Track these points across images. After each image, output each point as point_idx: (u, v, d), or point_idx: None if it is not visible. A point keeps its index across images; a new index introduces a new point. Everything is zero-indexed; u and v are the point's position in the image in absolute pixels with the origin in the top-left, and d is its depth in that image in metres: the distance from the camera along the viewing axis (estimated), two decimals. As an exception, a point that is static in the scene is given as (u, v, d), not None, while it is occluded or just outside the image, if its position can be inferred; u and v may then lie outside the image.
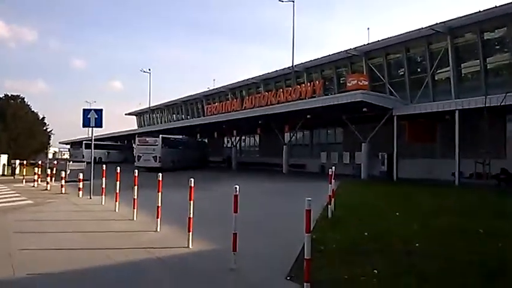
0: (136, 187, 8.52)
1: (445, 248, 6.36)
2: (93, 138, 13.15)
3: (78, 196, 12.79)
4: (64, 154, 78.98)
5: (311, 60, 32.89)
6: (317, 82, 30.64)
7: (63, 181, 14.39)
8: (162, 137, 33.61)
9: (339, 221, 8.34)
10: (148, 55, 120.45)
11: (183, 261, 5.78)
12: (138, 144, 33.84)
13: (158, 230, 7.44)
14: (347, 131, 29.87)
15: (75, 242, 6.70)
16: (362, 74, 27.75)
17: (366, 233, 7.13)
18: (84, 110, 12.78)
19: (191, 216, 6.26)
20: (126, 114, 73.98)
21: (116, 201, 9.68)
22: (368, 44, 28.59)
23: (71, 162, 21.49)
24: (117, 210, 9.58)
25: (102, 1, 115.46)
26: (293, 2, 33.07)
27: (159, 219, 7.47)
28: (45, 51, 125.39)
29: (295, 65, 33.83)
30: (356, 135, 25.52)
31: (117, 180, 9.80)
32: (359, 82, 25.09)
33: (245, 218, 8.93)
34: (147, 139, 33.82)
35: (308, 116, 26.84)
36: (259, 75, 39.18)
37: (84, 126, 12.86)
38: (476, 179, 20.90)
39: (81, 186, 12.80)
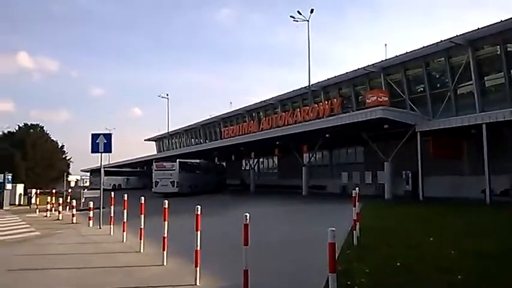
0: (143, 216, 7.87)
1: (493, 279, 5.47)
2: (102, 163, 12.69)
3: (88, 226, 12.23)
4: (86, 182, 79.74)
5: (328, 79, 32.42)
6: (335, 100, 29.96)
7: (74, 210, 13.90)
8: (179, 161, 33.24)
9: (366, 249, 7.49)
10: (166, 81, 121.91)
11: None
12: (155, 170, 33.49)
13: (164, 263, 6.74)
14: (368, 150, 28.95)
15: (73, 280, 6.07)
16: (381, 89, 26.97)
17: (398, 263, 6.26)
18: (92, 134, 12.30)
19: (198, 248, 5.55)
20: (145, 140, 74.59)
21: (124, 231, 9.06)
22: (386, 60, 28.04)
23: (85, 190, 21.12)
24: (124, 241, 8.95)
25: (119, 30, 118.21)
26: (308, 21, 32.72)
27: (165, 252, 6.77)
28: (66, 81, 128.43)
29: (312, 84, 33.26)
30: (378, 154, 24.59)
31: (124, 209, 9.20)
32: (378, 98, 24.32)
33: (261, 246, 8.41)
34: (165, 164, 33.50)
35: (327, 136, 26.06)
36: (276, 96, 38.89)
37: (93, 151, 12.38)
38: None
39: (91, 215, 12.25)
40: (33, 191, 21.15)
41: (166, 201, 6.85)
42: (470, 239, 8.35)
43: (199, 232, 5.59)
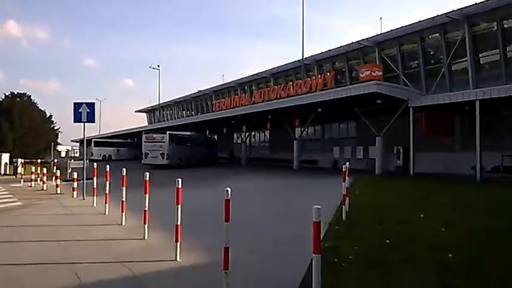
0: (124, 188, 7.55)
1: (485, 257, 5.28)
2: (84, 133, 12.17)
3: (72, 197, 11.92)
4: (76, 152, 78.88)
5: (322, 53, 31.88)
6: (328, 74, 29.45)
7: (58, 180, 13.54)
8: (169, 133, 32.83)
9: (355, 225, 7.26)
10: (158, 53, 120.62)
11: (163, 280, 4.83)
12: (145, 141, 33.09)
13: (145, 237, 6.47)
14: (360, 125, 28.71)
15: (44, 254, 5.75)
16: (375, 64, 26.52)
17: (387, 240, 6.05)
18: (74, 104, 11.71)
19: (179, 223, 5.27)
20: (136, 112, 73.79)
21: (106, 203, 8.75)
22: (381, 34, 27.53)
23: (72, 160, 20.70)
24: (107, 213, 8.65)
25: (112, 1, 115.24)
26: (303, -8, 31.80)
27: (146, 226, 6.49)
28: (58, 51, 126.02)
29: (305, 58, 32.66)
30: (370, 129, 24.35)
31: (106, 180, 8.87)
32: (372, 73, 23.89)
33: (246, 222, 8.10)
34: (154, 136, 33.13)
35: (319, 110, 25.72)
36: (269, 69, 38.32)
37: (75, 121, 11.83)
38: (504, 173, 19.67)
39: (75, 186, 11.90)
40: (20, 160, 20.65)
41: (148, 174, 6.48)
42: (461, 216, 8.16)
43: (179, 206, 5.28)
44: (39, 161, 17.73)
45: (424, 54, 25.79)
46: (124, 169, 7.51)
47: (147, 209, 6.46)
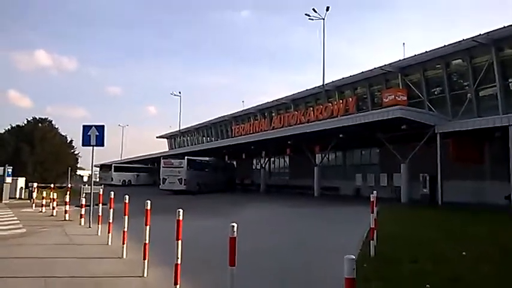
0: (126, 217, 6.85)
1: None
2: (93, 159, 11.71)
3: (80, 224, 11.29)
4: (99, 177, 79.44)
5: (343, 78, 31.23)
6: (350, 99, 28.69)
7: (67, 206, 12.98)
8: (187, 158, 32.39)
9: (386, 263, 6.32)
10: (180, 80, 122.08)
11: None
12: (163, 167, 32.71)
13: (145, 274, 5.70)
14: (384, 151, 27.66)
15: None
16: (399, 88, 25.66)
17: (427, 285, 5.12)
18: (83, 126, 11.28)
19: (179, 261, 4.53)
20: (157, 137, 74.15)
21: (109, 232, 8.06)
22: (404, 59, 26.78)
23: (86, 185, 20.21)
24: (109, 244, 7.93)
25: (134, 31, 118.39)
26: (323, 19, 31.51)
27: (146, 261, 5.74)
28: (84, 79, 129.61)
29: (326, 84, 32.07)
30: (394, 156, 23.32)
31: (110, 208, 8.23)
32: (397, 97, 23.03)
33: (263, 254, 7.38)
34: (172, 161, 32.73)
35: (341, 136, 24.87)
36: (289, 95, 37.89)
37: (83, 144, 11.38)
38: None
39: (83, 212, 11.27)
40: (35, 184, 20.37)
41: (149, 202, 5.79)
42: (508, 254, 7.16)
43: (180, 242, 4.54)
44: (51, 185, 17.28)
45: (450, 79, 24.95)
46: (127, 196, 6.84)
47: (147, 241, 5.72)
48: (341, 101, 29.10)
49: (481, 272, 5.83)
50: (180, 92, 56.57)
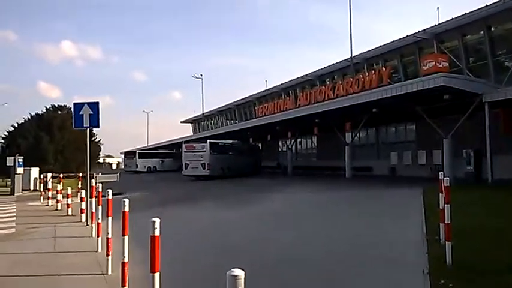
0: (110, 218, 5.20)
1: None
2: (88, 141, 10.17)
3: (81, 221, 9.78)
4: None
5: (372, 49, 29.00)
6: (383, 69, 26.31)
7: (69, 199, 11.57)
8: (210, 142, 30.94)
9: (474, 275, 4.43)
10: (204, 64, 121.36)
11: None
12: (185, 151, 31.40)
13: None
14: (421, 126, 25.43)
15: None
16: (441, 54, 23.20)
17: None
18: (75, 104, 9.60)
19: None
20: (181, 122, 73.29)
21: (98, 236, 6.44)
22: (440, 24, 24.23)
23: (99, 174, 18.98)
24: (99, 250, 6.31)
25: (155, 16, 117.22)
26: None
27: (127, 277, 4.08)
28: (109, 67, 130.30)
29: (354, 56, 29.78)
30: (434, 131, 21.12)
31: (98, 205, 6.67)
32: (438, 64, 20.56)
33: (294, 267, 5.54)
34: (195, 145, 31.36)
35: (374, 110, 22.71)
36: (314, 71, 35.77)
37: (76, 126, 9.83)
38: None
39: (83, 207, 9.75)
40: (49, 175, 19.27)
41: (127, 201, 4.14)
42: None
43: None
44: (61, 175, 16.04)
45: (492, 44, 22.45)
46: (109, 191, 5.22)
47: (126, 259, 4.02)
48: (373, 71, 26.80)
49: None
50: (201, 74, 55.06)
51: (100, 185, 7.78)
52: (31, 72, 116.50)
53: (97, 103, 9.46)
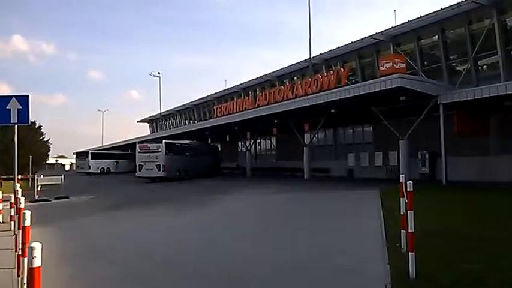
0: (20, 232, 4.31)
1: None
2: (18, 139, 9.09)
3: (10, 229, 8.64)
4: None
5: (331, 50, 29.06)
6: (342, 69, 26.31)
7: (0, 205, 10.36)
8: (165, 142, 29.82)
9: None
10: (163, 63, 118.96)
11: None
12: (139, 152, 30.11)
13: None
14: (379, 128, 25.57)
15: None
16: (398, 55, 23.40)
17: None
18: (0, 97, 8.49)
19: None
20: (138, 122, 71.13)
21: (16, 250, 5.44)
22: (396, 26, 24.53)
23: (41, 176, 17.64)
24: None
25: (112, 13, 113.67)
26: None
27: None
28: (63, 64, 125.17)
29: (313, 57, 29.68)
30: (390, 132, 21.23)
31: (17, 213, 5.76)
32: (395, 65, 20.66)
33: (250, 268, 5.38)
34: (149, 145, 30.12)
35: (332, 111, 22.56)
36: (273, 71, 35.51)
37: (1, 122, 8.65)
38: None
39: (12, 213, 8.62)
40: (-11, 176, 17.68)
41: (28, 213, 3.36)
42: None
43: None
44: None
45: (446, 47, 22.94)
46: (22, 198, 4.38)
47: None
48: (331, 72, 26.74)
49: None
50: (159, 72, 53.74)
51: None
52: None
53: (27, 96, 8.37)
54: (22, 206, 4.31)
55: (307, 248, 6.55)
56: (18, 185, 7.94)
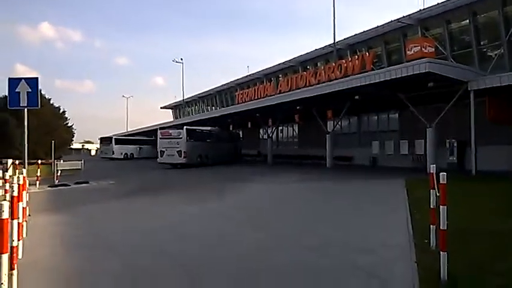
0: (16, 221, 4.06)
1: None
2: (26, 123, 8.98)
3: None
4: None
5: (356, 35, 28.09)
6: (367, 54, 25.42)
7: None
8: (186, 128, 29.68)
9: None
10: (187, 50, 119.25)
11: None
12: (160, 138, 30.11)
13: None
14: (405, 115, 24.74)
15: None
16: (427, 38, 22.41)
17: None
18: (10, 80, 8.22)
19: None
20: (161, 108, 71.59)
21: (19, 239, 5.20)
22: (424, 9, 23.44)
23: (61, 161, 17.65)
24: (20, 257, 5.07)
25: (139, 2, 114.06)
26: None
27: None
28: (90, 51, 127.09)
29: (337, 42, 28.79)
30: (417, 119, 20.43)
31: (18, 201, 5.47)
32: (423, 49, 19.69)
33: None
34: (171, 131, 30.07)
35: (356, 97, 21.85)
36: (296, 57, 34.73)
37: (11, 106, 8.51)
38: None
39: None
40: (9, 161, 17.82)
41: (6, 205, 3.08)
42: None
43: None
44: (17, 162, 14.72)
45: (477, 31, 21.88)
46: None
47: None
48: (356, 57, 25.88)
49: None
50: (182, 59, 53.48)
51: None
52: (6, 54, 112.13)
53: (36, 78, 8.19)
54: (15, 194, 4.02)
55: (332, 235, 6.09)
56: (24, 171, 7.74)
